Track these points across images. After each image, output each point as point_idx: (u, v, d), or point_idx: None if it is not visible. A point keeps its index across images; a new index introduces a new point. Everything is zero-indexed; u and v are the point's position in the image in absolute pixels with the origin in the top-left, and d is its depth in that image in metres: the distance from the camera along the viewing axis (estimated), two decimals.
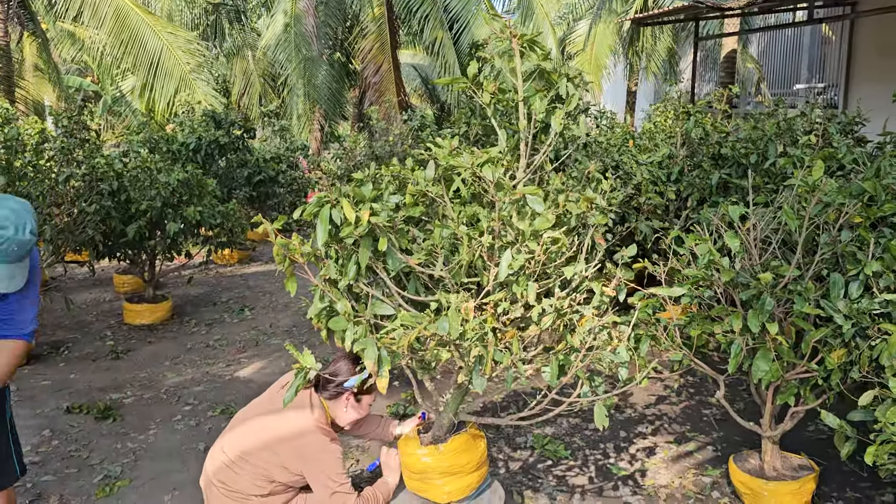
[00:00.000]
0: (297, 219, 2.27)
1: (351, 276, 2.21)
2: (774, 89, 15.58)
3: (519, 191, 2.13)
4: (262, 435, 2.60)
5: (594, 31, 18.35)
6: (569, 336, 2.31)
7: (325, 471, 2.55)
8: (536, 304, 2.20)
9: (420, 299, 2.36)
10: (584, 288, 2.40)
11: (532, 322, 2.25)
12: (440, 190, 2.21)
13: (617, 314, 2.55)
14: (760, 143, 5.00)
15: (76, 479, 3.46)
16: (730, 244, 2.80)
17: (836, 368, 2.56)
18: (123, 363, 5.22)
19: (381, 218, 2.10)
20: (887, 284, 2.50)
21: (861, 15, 9.01)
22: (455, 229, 2.14)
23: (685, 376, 4.70)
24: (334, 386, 2.63)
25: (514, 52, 2.23)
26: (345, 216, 2.07)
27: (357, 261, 2.17)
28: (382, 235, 2.13)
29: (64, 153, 5.51)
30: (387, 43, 12.69)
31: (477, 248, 2.14)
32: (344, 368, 2.65)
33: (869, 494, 3.23)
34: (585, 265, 2.39)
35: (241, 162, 9.32)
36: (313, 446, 2.56)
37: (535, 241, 2.19)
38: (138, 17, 11.81)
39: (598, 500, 3.24)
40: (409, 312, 2.21)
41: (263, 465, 2.58)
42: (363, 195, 2.12)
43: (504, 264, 2.11)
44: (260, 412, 2.70)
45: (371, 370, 2.16)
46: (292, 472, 2.59)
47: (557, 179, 2.39)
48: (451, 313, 2.05)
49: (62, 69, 23.22)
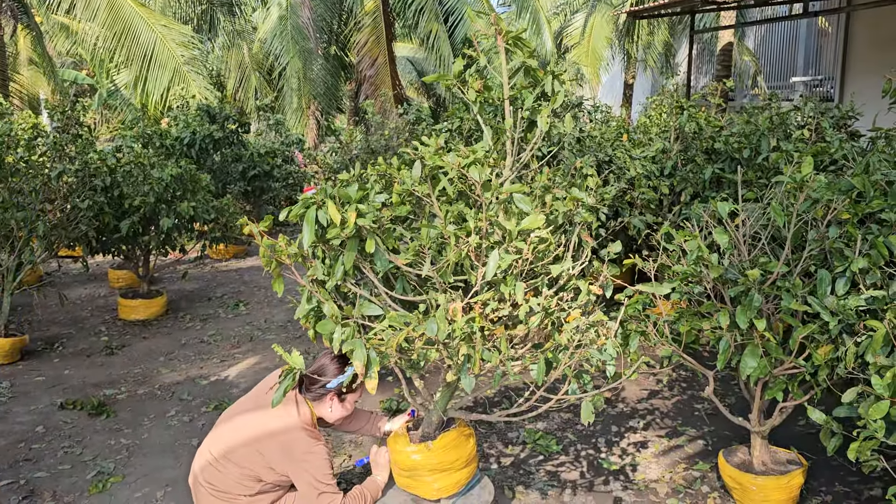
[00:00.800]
0: (284, 220, 2.27)
1: (338, 276, 2.21)
2: (771, 82, 15.58)
3: (506, 190, 2.13)
4: (246, 435, 2.59)
5: (591, 23, 18.32)
6: (556, 334, 2.32)
7: (311, 471, 2.55)
8: (524, 303, 2.20)
9: (408, 299, 2.37)
10: (572, 286, 2.41)
11: (520, 321, 2.25)
12: (427, 189, 2.21)
13: (605, 310, 2.56)
14: (753, 137, 5.00)
15: (69, 475, 3.47)
16: (719, 241, 2.81)
17: (823, 364, 2.58)
18: (118, 359, 5.22)
19: (368, 219, 2.10)
20: (873, 281, 2.51)
21: (856, 8, 9.00)
22: (442, 229, 2.14)
23: (677, 370, 4.72)
24: (318, 387, 2.63)
25: (500, 49, 2.23)
26: (331, 218, 2.07)
27: (344, 261, 2.18)
28: (369, 237, 2.14)
29: (56, 149, 5.49)
30: (382, 36, 12.65)
31: (464, 248, 2.14)
32: (329, 368, 2.65)
33: (857, 488, 3.25)
34: (573, 263, 2.39)
35: (235, 157, 9.31)
36: (299, 447, 2.55)
37: (523, 241, 2.19)
38: (131, 8, 11.75)
39: (589, 494, 3.26)
40: (396, 313, 2.22)
41: (249, 466, 2.58)
42: (349, 196, 2.12)
43: (492, 264, 2.12)
44: (245, 412, 2.69)
45: (360, 371, 2.17)
46: (279, 473, 2.59)
47: (544, 176, 2.39)
48: (438, 314, 2.06)
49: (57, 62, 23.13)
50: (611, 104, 20.20)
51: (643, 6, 10.84)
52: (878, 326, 2.27)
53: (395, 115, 11.82)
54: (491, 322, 2.22)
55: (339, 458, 3.62)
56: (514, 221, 2.13)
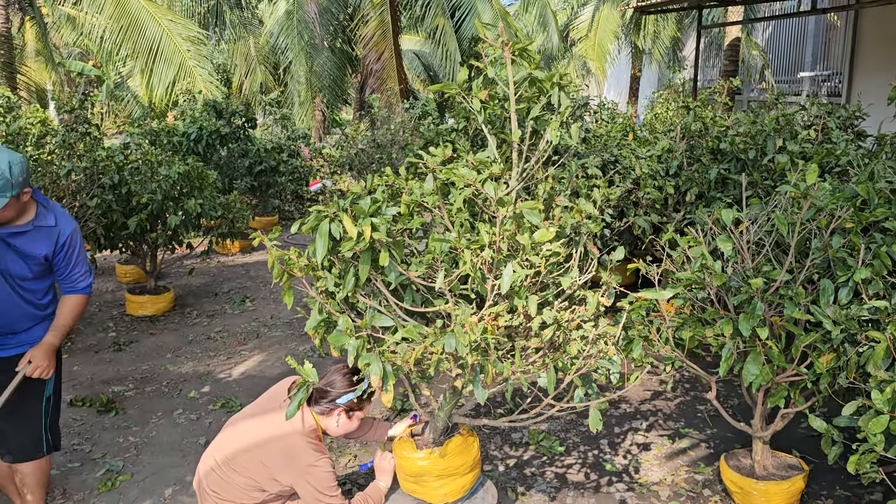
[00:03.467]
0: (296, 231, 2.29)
1: (349, 288, 2.22)
2: (779, 76, 15.51)
3: (519, 206, 2.14)
4: (249, 442, 2.61)
5: (598, 16, 18.24)
6: (568, 346, 2.34)
7: (315, 483, 2.57)
8: (537, 315, 2.22)
9: (419, 310, 2.38)
10: (580, 296, 2.43)
11: (532, 334, 2.28)
12: (437, 201, 2.23)
13: (607, 315, 2.58)
14: (759, 137, 5.00)
15: (79, 472, 3.53)
16: (722, 248, 2.83)
17: (824, 373, 2.60)
18: (126, 355, 5.28)
19: (382, 232, 2.11)
20: (876, 291, 2.53)
21: (865, 5, 8.95)
22: (456, 243, 2.16)
23: (680, 371, 4.74)
24: (327, 401, 2.65)
25: (506, 60, 2.25)
26: (345, 231, 2.08)
27: (356, 273, 2.19)
28: (383, 249, 2.15)
29: (65, 147, 5.53)
30: (388, 30, 12.63)
31: (478, 262, 2.16)
32: (339, 383, 2.66)
33: (858, 493, 3.27)
34: (580, 273, 2.41)
35: (242, 152, 9.34)
36: (302, 458, 2.57)
37: (536, 254, 2.21)
38: (138, 2, 11.75)
39: (592, 497, 3.29)
40: (412, 325, 2.23)
41: (251, 475, 2.60)
42: (362, 210, 2.13)
43: (506, 278, 2.13)
44: (250, 419, 2.72)
45: (376, 386, 2.17)
46: (282, 484, 2.61)
47: (547, 185, 2.41)
48: (457, 330, 2.07)
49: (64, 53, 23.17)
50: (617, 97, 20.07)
51: (650, 1, 10.79)
52: (880, 338, 2.29)
53: (401, 109, 11.83)
54: (507, 337, 2.24)
55: (345, 458, 3.66)
56: (528, 235, 2.15)
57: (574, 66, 21.09)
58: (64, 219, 2.82)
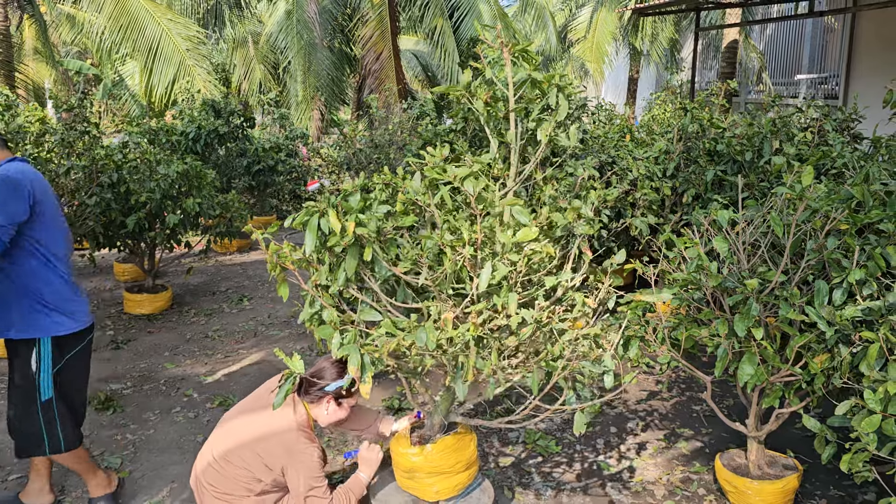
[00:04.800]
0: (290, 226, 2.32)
1: (340, 282, 2.27)
2: (776, 79, 15.55)
3: (501, 203, 2.18)
4: (243, 435, 2.67)
5: (596, 18, 18.28)
6: (549, 346, 2.37)
7: (303, 472, 2.63)
8: (515, 314, 2.25)
9: (408, 306, 2.42)
10: (569, 298, 2.45)
11: (510, 332, 2.31)
12: (428, 199, 2.25)
13: (605, 317, 2.60)
14: (756, 139, 5.03)
15: None
16: (718, 249, 2.85)
17: (819, 373, 2.62)
18: (124, 353, 5.28)
19: (369, 228, 2.16)
20: (870, 292, 2.55)
21: (862, 9, 8.99)
22: (439, 240, 2.19)
23: (676, 371, 4.77)
24: (316, 389, 2.70)
25: (506, 62, 2.27)
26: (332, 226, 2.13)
27: (345, 268, 2.24)
28: (368, 245, 2.19)
29: (64, 146, 5.54)
30: (387, 30, 12.65)
31: (460, 259, 2.20)
32: (328, 372, 2.72)
33: (851, 492, 3.30)
34: (572, 275, 2.43)
35: (240, 151, 9.35)
36: (293, 447, 2.63)
37: (517, 253, 2.24)
38: (137, 1, 11.76)
39: (588, 496, 3.31)
40: (391, 319, 2.28)
41: (247, 466, 2.65)
42: (350, 207, 2.18)
43: (484, 275, 2.17)
44: (244, 413, 2.77)
45: (354, 375, 2.24)
46: (276, 472, 2.66)
47: (548, 188, 2.43)
48: (428, 325, 2.12)
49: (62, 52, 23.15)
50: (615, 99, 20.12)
51: (648, 3, 10.83)
52: (874, 338, 2.31)
53: (399, 109, 11.85)
54: (490, 332, 2.27)
55: (330, 454, 3.68)
56: (510, 233, 2.18)
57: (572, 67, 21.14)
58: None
